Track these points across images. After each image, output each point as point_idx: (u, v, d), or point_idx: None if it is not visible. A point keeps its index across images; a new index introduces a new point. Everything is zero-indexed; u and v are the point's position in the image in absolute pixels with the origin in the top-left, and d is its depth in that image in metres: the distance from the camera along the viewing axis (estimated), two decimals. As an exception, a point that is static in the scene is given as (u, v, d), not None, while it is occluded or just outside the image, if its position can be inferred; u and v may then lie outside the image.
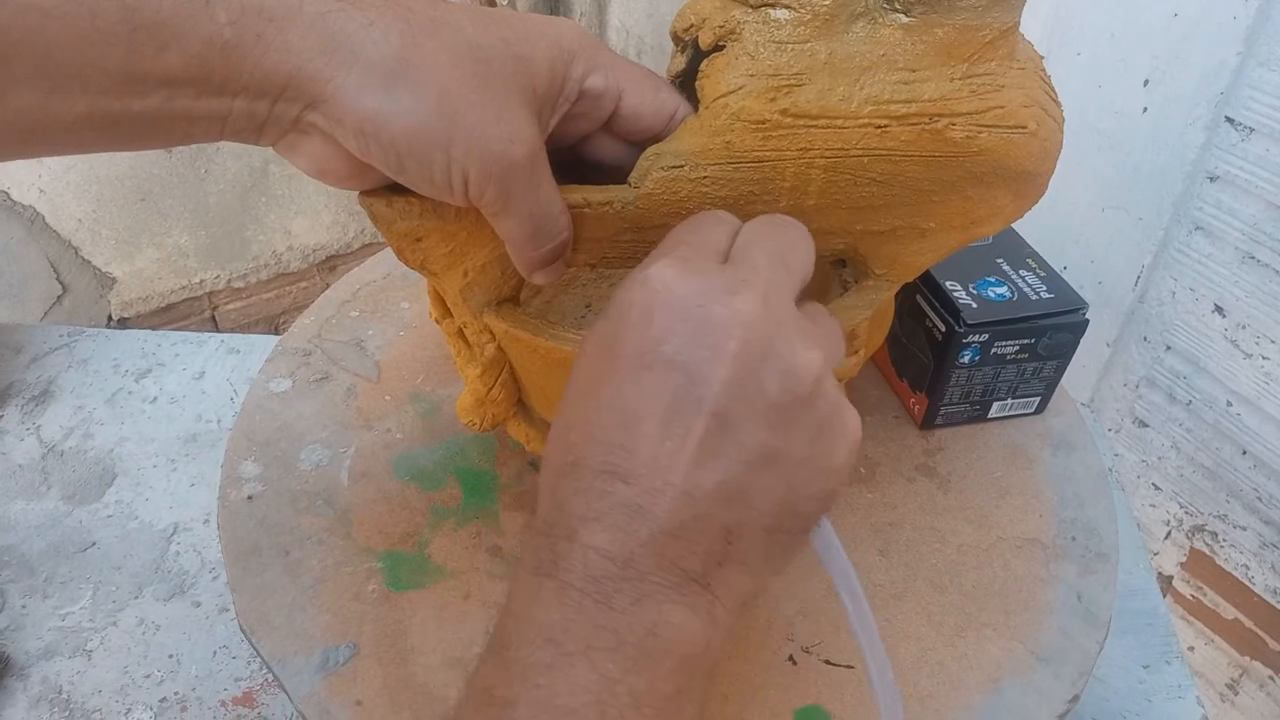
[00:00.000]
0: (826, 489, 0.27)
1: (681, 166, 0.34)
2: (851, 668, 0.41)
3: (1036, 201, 0.37)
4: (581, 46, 0.33)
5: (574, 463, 0.26)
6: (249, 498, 0.48)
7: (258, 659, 0.52)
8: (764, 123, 0.33)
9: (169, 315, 1.72)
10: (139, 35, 0.26)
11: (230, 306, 1.79)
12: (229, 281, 1.76)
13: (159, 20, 0.26)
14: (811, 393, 0.26)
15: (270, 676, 0.51)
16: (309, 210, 1.77)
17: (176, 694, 0.51)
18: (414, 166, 0.30)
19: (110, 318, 1.65)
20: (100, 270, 1.61)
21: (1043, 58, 0.35)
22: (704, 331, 0.25)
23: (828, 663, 0.41)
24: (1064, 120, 0.36)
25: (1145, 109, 0.82)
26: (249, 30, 0.27)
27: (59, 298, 1.59)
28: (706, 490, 0.25)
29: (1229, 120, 0.77)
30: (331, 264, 1.87)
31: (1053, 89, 0.35)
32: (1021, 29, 0.34)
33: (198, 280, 1.73)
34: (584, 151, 0.37)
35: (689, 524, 0.25)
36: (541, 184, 0.33)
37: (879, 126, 0.33)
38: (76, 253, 1.57)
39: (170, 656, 0.53)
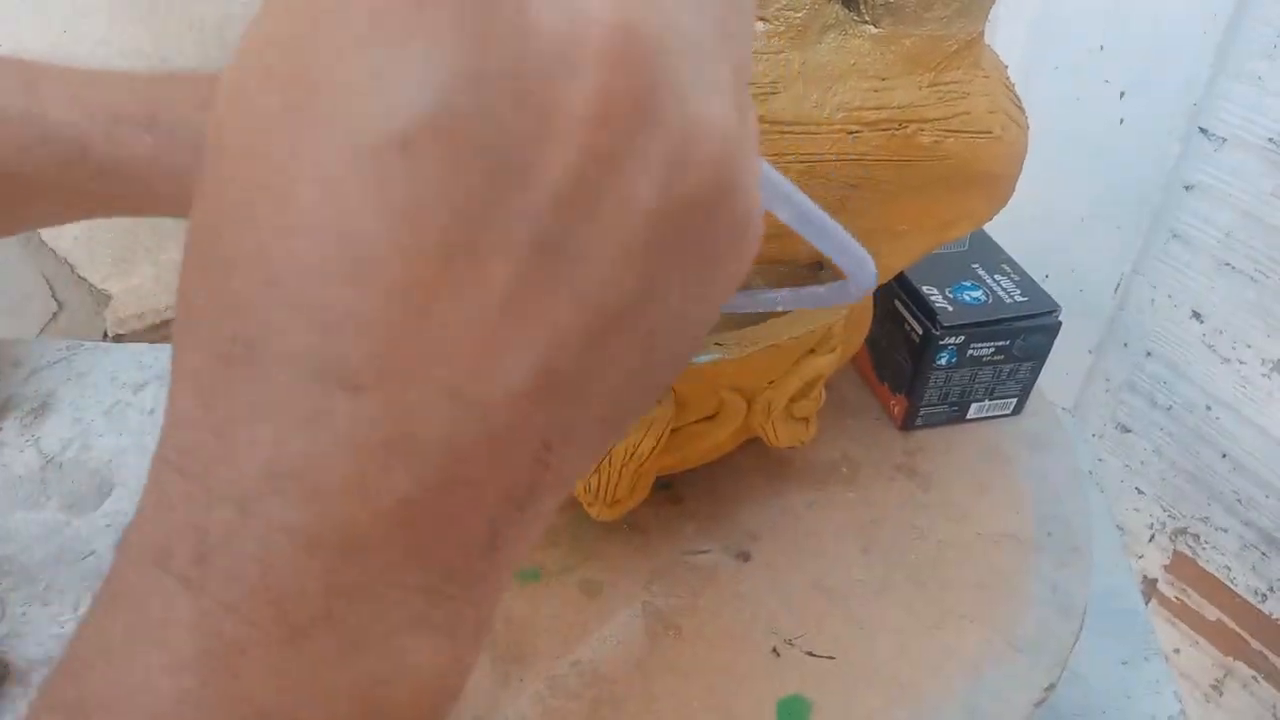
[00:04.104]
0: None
1: None
2: (833, 658, 0.42)
3: (1004, 204, 0.39)
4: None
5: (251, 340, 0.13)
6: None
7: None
8: (741, 130, 0.34)
9: (164, 332, 1.73)
10: None
11: (225, 323, 1.80)
12: (223, 299, 1.77)
13: None
14: None
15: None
16: (303, 228, 1.79)
17: (174, 696, 0.52)
18: None
19: (106, 334, 1.66)
20: (96, 287, 1.62)
21: (1007, 66, 0.37)
22: None
23: (810, 654, 0.42)
24: (1028, 126, 0.37)
25: (1123, 120, 0.83)
26: None
27: (55, 315, 1.60)
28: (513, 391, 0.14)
29: (1203, 131, 0.79)
30: (325, 281, 1.88)
31: (1017, 96, 0.37)
32: (1002, 45, 0.36)
33: (192, 298, 1.73)
34: None
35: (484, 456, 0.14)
36: None
37: (851, 132, 0.34)
38: (72, 270, 1.58)
39: (168, 660, 0.54)
